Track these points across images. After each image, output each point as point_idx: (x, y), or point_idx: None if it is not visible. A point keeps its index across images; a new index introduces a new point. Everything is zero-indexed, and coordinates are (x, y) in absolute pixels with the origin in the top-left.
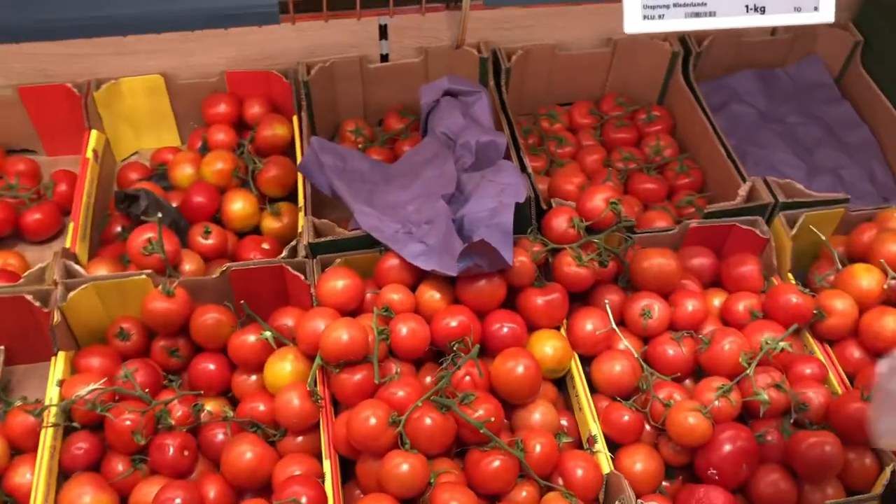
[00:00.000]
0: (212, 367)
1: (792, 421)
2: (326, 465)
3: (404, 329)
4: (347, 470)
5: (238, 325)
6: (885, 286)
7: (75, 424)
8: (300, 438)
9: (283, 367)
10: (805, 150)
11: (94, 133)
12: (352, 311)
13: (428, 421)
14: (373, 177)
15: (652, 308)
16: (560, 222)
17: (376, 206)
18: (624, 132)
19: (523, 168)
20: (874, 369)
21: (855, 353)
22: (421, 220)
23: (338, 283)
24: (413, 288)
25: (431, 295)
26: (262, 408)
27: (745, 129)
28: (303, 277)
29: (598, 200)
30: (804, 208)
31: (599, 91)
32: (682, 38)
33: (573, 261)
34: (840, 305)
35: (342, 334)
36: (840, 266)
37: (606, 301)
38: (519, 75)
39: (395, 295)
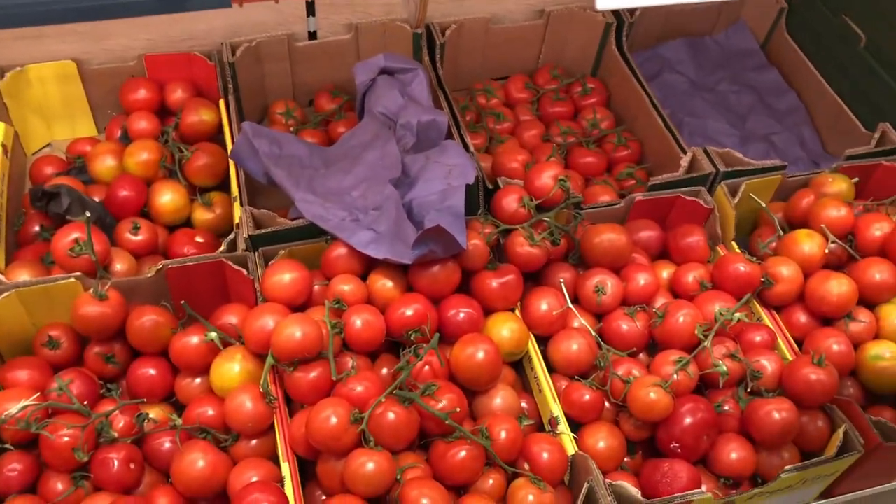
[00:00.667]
0: (152, 371)
1: (748, 389)
2: (285, 468)
3: (358, 321)
4: (305, 471)
5: (179, 326)
6: (827, 250)
7: (8, 446)
8: (254, 442)
9: (232, 368)
10: (738, 117)
11: (1, 126)
12: (300, 305)
13: (391, 416)
14: (312, 162)
15: (605, 284)
16: (510, 202)
17: (318, 193)
18: (560, 106)
19: (466, 147)
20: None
21: (801, 318)
22: (368, 206)
23: (284, 276)
24: (363, 277)
25: (383, 284)
26: (210, 412)
27: (678, 99)
28: (245, 272)
29: (547, 178)
30: (744, 176)
31: (533, 64)
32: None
33: (526, 241)
34: (786, 272)
35: (295, 331)
36: (781, 232)
37: (562, 280)
38: (453, 50)
39: (345, 286)
